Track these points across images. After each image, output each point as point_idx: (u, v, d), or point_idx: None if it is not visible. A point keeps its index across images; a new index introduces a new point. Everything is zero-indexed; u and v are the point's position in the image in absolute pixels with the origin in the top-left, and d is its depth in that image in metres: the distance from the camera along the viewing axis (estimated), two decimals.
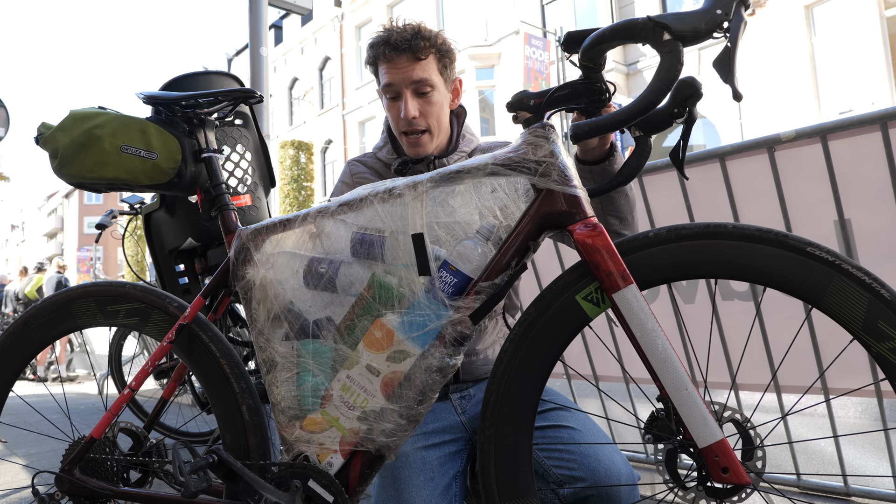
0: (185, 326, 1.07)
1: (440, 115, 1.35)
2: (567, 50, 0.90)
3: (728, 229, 0.84)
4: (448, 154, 1.39)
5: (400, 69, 1.29)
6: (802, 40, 11.18)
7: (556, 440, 1.18)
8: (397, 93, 1.31)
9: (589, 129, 0.88)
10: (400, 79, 1.30)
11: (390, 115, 1.36)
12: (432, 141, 1.36)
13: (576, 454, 1.15)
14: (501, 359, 0.92)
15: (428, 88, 1.31)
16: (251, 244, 1.04)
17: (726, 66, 0.80)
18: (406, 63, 1.29)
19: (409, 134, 1.34)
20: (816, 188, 1.78)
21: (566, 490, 1.14)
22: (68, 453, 1.14)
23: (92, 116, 1.17)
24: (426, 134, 1.34)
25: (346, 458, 0.99)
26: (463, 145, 1.42)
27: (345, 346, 0.97)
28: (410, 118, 1.30)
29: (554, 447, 1.18)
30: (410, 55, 1.28)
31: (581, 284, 0.90)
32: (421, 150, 1.35)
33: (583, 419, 1.25)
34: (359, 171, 1.45)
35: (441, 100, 1.35)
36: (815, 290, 0.81)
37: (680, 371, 0.84)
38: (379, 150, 1.46)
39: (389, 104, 1.35)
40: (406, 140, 1.35)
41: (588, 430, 1.21)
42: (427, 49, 1.29)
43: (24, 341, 1.19)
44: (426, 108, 1.32)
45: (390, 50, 1.29)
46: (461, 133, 1.44)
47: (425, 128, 1.33)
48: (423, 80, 1.30)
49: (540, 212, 0.91)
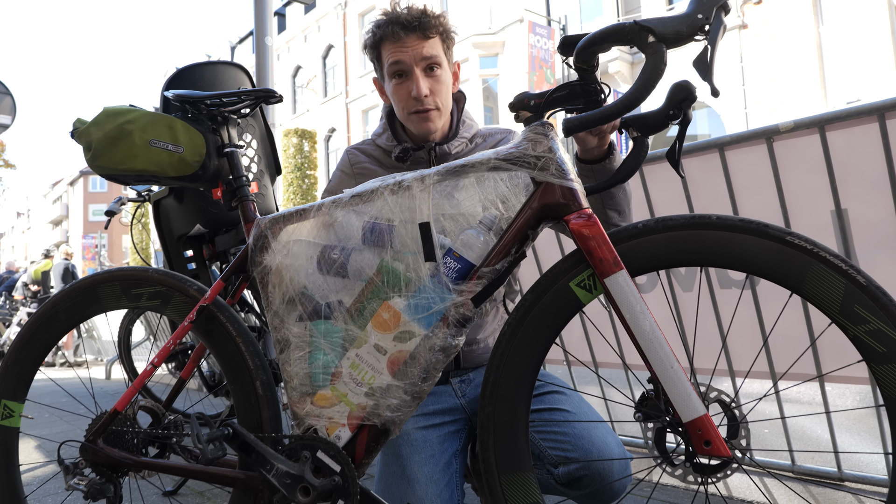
0: (205, 308, 1.14)
1: (447, 95, 1.37)
2: (562, 53, 0.97)
3: (712, 220, 0.90)
4: (449, 140, 1.40)
5: (410, 47, 1.30)
6: (810, 29, 11.11)
7: (551, 422, 1.24)
8: (406, 71, 1.32)
9: (579, 122, 0.94)
10: (410, 56, 1.30)
11: (397, 97, 1.35)
12: (440, 118, 1.36)
13: (570, 436, 1.20)
14: (500, 341, 0.98)
15: (437, 67, 1.33)
16: (269, 232, 1.11)
17: (705, 65, 0.86)
18: (416, 41, 1.30)
19: (419, 112, 1.33)
20: (814, 178, 1.81)
21: (561, 470, 1.19)
22: (92, 425, 1.21)
23: (123, 113, 1.25)
24: (435, 111, 1.34)
25: (354, 432, 1.06)
26: (463, 131, 1.43)
27: (354, 326, 1.04)
28: (423, 95, 1.31)
29: (549, 430, 1.23)
30: (420, 33, 1.30)
31: (575, 272, 0.96)
32: (431, 126, 1.35)
33: (578, 402, 1.30)
34: (359, 161, 1.45)
35: (447, 80, 1.36)
36: (794, 276, 0.86)
37: (666, 350, 0.90)
38: (378, 137, 1.46)
39: (396, 85, 1.34)
40: (415, 118, 1.35)
41: (582, 413, 1.26)
42: (434, 28, 1.31)
43: (53, 323, 1.26)
44: (435, 86, 1.33)
45: (400, 28, 1.29)
46: (461, 118, 1.45)
47: (435, 105, 1.34)
48: (433, 56, 1.31)
49: (539, 203, 0.97)
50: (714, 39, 0.86)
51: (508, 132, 1.48)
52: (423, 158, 1.39)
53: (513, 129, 1.47)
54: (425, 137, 1.38)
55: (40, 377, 1.33)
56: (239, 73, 2.28)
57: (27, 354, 1.28)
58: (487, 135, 1.47)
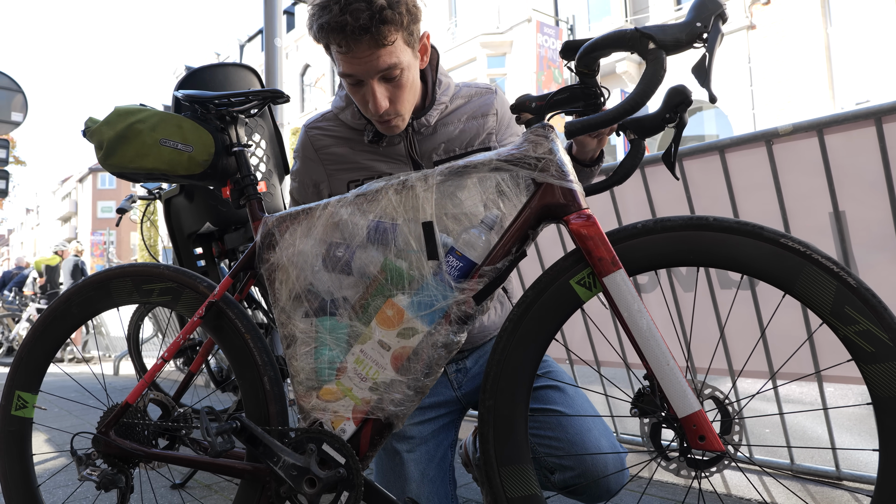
0: (214, 304, 1.18)
1: (412, 90, 1.24)
2: (565, 57, 0.99)
3: (709, 221, 0.93)
4: (426, 111, 1.32)
5: (362, 59, 1.13)
6: (818, 30, 11.07)
7: (545, 425, 1.25)
8: (360, 82, 1.18)
9: (581, 126, 0.97)
10: (363, 70, 1.15)
11: (355, 99, 1.23)
12: (405, 119, 1.26)
13: (563, 442, 1.22)
14: (501, 336, 1.01)
15: (396, 72, 1.17)
16: (276, 230, 1.14)
17: (703, 71, 0.89)
18: (367, 51, 1.12)
19: (381, 121, 1.25)
20: (812, 180, 1.83)
21: (556, 477, 1.22)
22: (104, 417, 1.25)
23: (134, 112, 1.28)
24: (398, 118, 1.24)
25: (358, 426, 1.09)
26: (440, 94, 1.33)
27: (359, 323, 1.07)
28: (381, 110, 1.19)
29: (544, 433, 1.24)
30: (371, 41, 1.10)
31: (575, 270, 0.99)
32: (395, 130, 1.27)
33: (572, 398, 1.31)
34: (324, 146, 1.35)
35: (412, 77, 1.22)
36: (787, 277, 0.89)
37: (662, 347, 0.92)
38: (341, 112, 1.35)
39: (352, 89, 1.21)
40: (378, 124, 1.26)
41: (577, 411, 1.27)
42: (391, 32, 1.11)
43: (66, 316, 1.30)
44: (396, 92, 1.20)
45: (346, 40, 1.10)
46: (436, 81, 1.33)
47: (396, 113, 1.23)
48: (391, 66, 1.15)
49: (539, 203, 1.00)
50: (712, 47, 0.89)
51: (489, 92, 1.39)
52: (399, 136, 1.32)
53: (493, 88, 1.39)
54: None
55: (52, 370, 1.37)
56: (249, 75, 2.33)
57: (41, 347, 1.32)
58: (468, 95, 1.38)
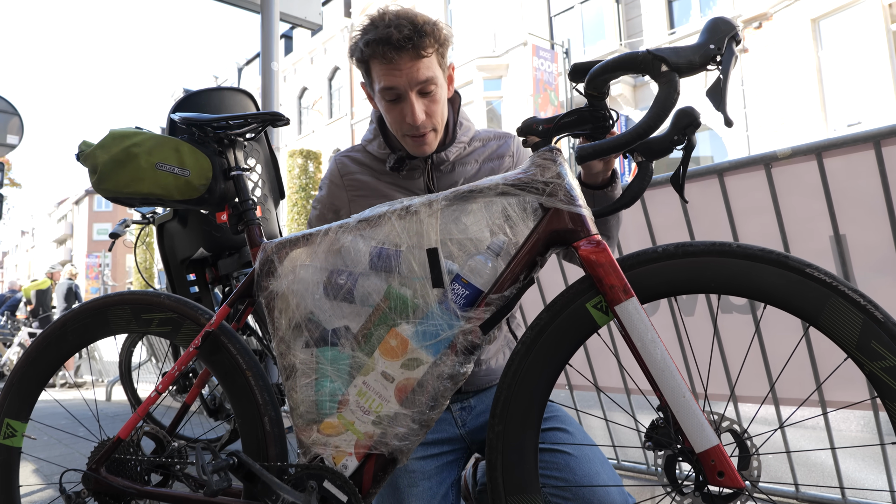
0: (210, 334, 1.14)
1: (443, 111, 1.30)
2: (573, 80, 0.97)
3: (732, 248, 0.90)
4: (446, 147, 1.35)
5: (403, 70, 1.20)
6: (809, 53, 11.22)
7: (552, 465, 1.20)
8: (399, 95, 1.24)
9: (593, 150, 0.94)
10: (404, 81, 1.21)
11: (390, 118, 1.29)
12: (437, 137, 1.31)
13: (571, 482, 1.17)
14: (513, 360, 0.97)
15: (433, 87, 1.24)
16: (275, 257, 1.11)
17: (718, 95, 0.86)
18: (409, 62, 1.20)
19: (415, 136, 1.28)
20: (812, 204, 1.82)
21: None
22: (95, 453, 1.20)
23: (130, 136, 1.25)
24: (432, 132, 1.29)
25: (361, 461, 1.04)
26: (461, 134, 1.38)
27: (361, 353, 1.03)
28: (419, 122, 1.24)
29: (551, 474, 1.19)
30: (413, 53, 1.19)
31: (591, 293, 0.96)
32: (427, 149, 1.30)
33: (581, 440, 1.26)
34: (349, 172, 1.38)
35: (443, 95, 1.29)
36: (812, 308, 0.86)
37: (678, 379, 0.89)
38: (368, 143, 1.39)
39: (388, 105, 1.26)
40: (410, 141, 1.29)
41: (584, 455, 1.21)
42: (429, 44, 1.21)
43: (61, 343, 1.26)
44: (431, 107, 1.26)
45: (391, 50, 1.19)
46: (457, 121, 1.38)
47: (432, 127, 1.28)
48: (429, 79, 1.23)
49: (547, 229, 0.97)
50: (726, 69, 0.86)
51: (507, 136, 1.43)
52: (419, 167, 1.35)
53: (511, 134, 1.43)
54: (421, 156, 1.33)
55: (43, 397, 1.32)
56: (244, 99, 2.31)
57: (33, 373, 1.27)
58: (485, 139, 1.42)
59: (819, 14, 11.16)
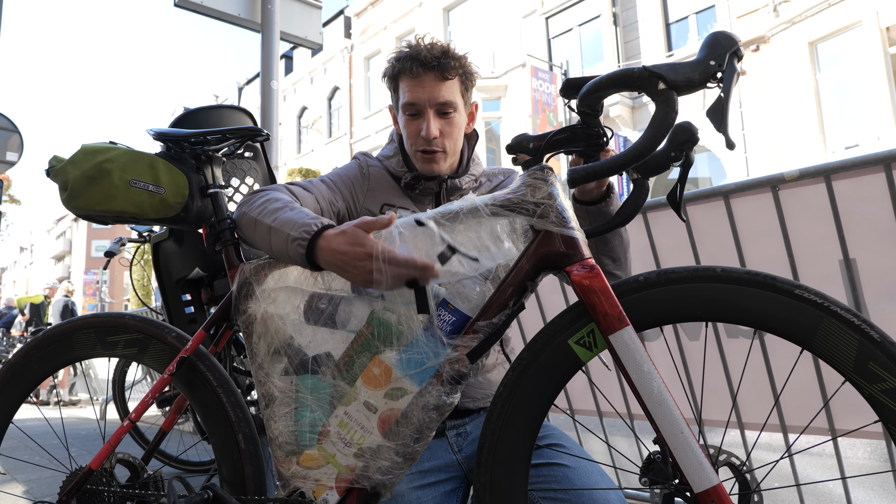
0: (185, 359, 1.08)
1: (458, 137, 1.34)
2: (565, 96, 0.93)
3: (717, 273, 0.85)
4: (459, 175, 1.38)
5: (426, 88, 1.27)
6: (807, 76, 11.27)
7: (549, 479, 1.16)
8: (419, 111, 1.30)
9: (585, 174, 0.90)
10: (425, 98, 1.28)
11: (407, 132, 1.33)
12: (446, 161, 1.34)
13: (570, 493, 1.12)
14: (496, 404, 0.92)
15: (451, 110, 1.30)
16: (253, 279, 1.06)
17: (719, 115, 0.82)
18: (433, 82, 1.27)
19: (426, 152, 1.31)
20: (820, 227, 1.78)
21: None
22: (66, 484, 1.14)
23: (103, 151, 1.20)
24: (441, 153, 1.32)
25: (342, 496, 0.99)
26: (473, 168, 1.41)
27: (343, 382, 0.98)
28: (431, 137, 1.28)
29: (548, 487, 1.15)
30: (438, 73, 1.27)
31: (574, 328, 0.91)
32: (434, 168, 1.33)
33: (577, 457, 1.22)
34: (372, 173, 1.39)
35: (461, 122, 1.34)
36: (804, 332, 0.81)
37: (675, 414, 0.84)
38: (387, 159, 1.41)
39: (408, 120, 1.32)
40: (421, 157, 1.32)
41: (582, 469, 1.18)
42: (455, 70, 1.28)
43: (25, 372, 1.20)
44: (446, 128, 1.31)
45: (418, 66, 1.27)
46: (471, 156, 1.43)
47: (442, 148, 1.31)
48: (448, 101, 1.29)
49: (538, 252, 0.92)
50: (728, 87, 0.82)
51: (511, 172, 1.45)
52: (432, 190, 1.36)
53: (515, 170, 1.43)
54: (430, 177, 1.35)
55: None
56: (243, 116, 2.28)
57: None
58: (491, 174, 1.45)
59: (816, 37, 11.23)
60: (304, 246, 0.96)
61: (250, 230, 1.10)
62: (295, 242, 0.97)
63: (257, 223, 1.07)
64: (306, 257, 0.97)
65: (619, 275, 1.25)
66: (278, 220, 1.03)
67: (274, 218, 1.04)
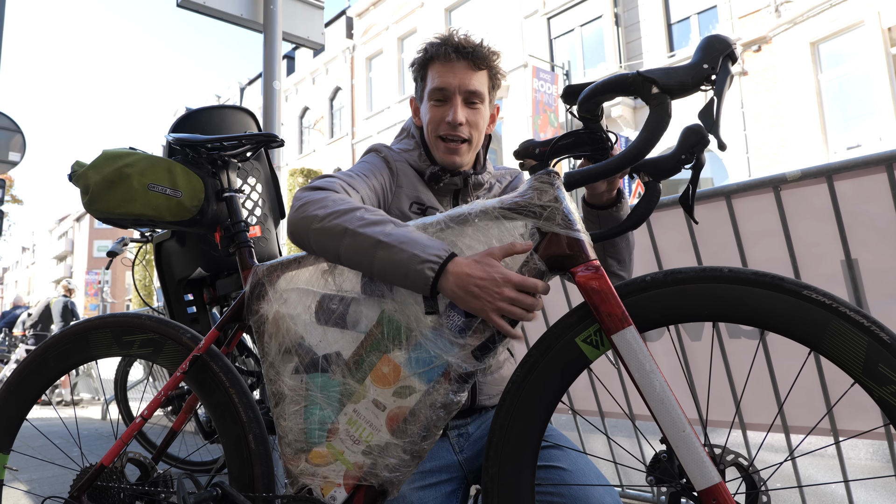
0: (198, 358, 1.10)
1: (482, 130, 1.33)
2: (567, 102, 0.95)
3: (724, 273, 0.86)
4: (478, 173, 1.37)
5: (457, 74, 1.27)
6: (809, 76, 11.27)
7: (546, 481, 1.17)
8: (447, 97, 1.28)
9: (580, 177, 0.92)
10: (455, 83, 1.27)
11: (430, 116, 1.30)
12: (469, 152, 1.32)
13: (566, 497, 1.13)
14: (504, 399, 0.94)
15: (478, 101, 1.30)
16: (266, 280, 1.08)
17: (710, 117, 0.83)
18: (464, 69, 1.27)
19: (449, 140, 1.29)
20: (822, 227, 1.78)
21: None
22: (77, 480, 1.16)
23: (123, 156, 1.23)
24: (465, 143, 1.30)
25: (350, 493, 1.01)
26: (489, 167, 1.43)
27: (352, 380, 1.00)
28: (458, 123, 1.27)
29: (545, 490, 1.16)
30: (470, 62, 1.27)
31: (581, 327, 0.92)
32: (457, 159, 1.31)
33: (575, 459, 1.22)
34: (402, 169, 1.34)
35: (486, 115, 1.34)
36: (813, 333, 0.82)
37: (677, 413, 0.85)
38: (407, 152, 1.37)
39: (433, 106, 1.30)
40: (444, 146, 1.30)
41: (579, 471, 1.18)
42: (485, 61, 1.29)
43: (42, 370, 1.22)
44: (472, 118, 1.30)
45: (452, 51, 1.27)
46: (486, 157, 1.44)
47: (467, 137, 1.30)
48: (476, 91, 1.28)
49: (544, 254, 0.94)
50: (721, 90, 0.83)
51: (517, 172, 1.46)
52: (456, 185, 1.35)
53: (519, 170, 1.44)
54: (451, 168, 1.32)
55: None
56: (245, 118, 2.29)
57: (14, 402, 1.23)
58: (499, 175, 1.45)
59: (818, 37, 11.23)
60: (436, 269, 0.93)
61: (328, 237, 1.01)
62: (424, 265, 0.93)
63: (349, 232, 0.99)
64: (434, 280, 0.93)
65: (623, 275, 1.27)
66: (394, 237, 0.97)
67: (385, 233, 0.98)
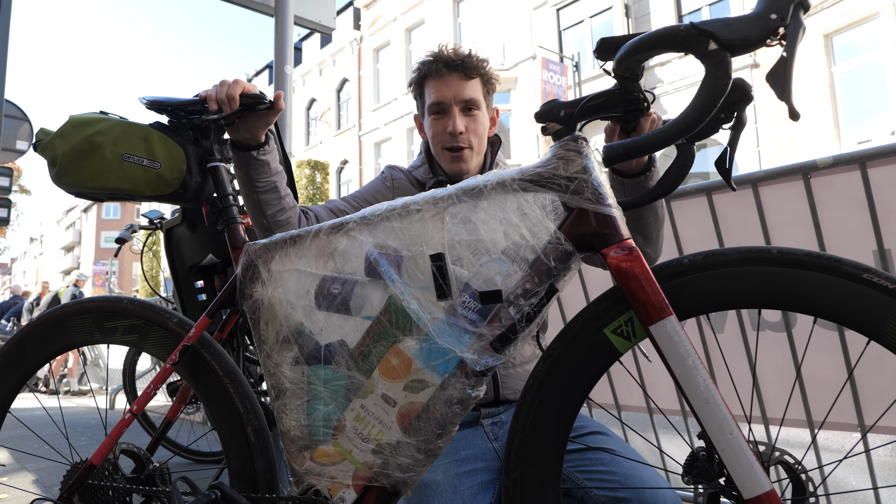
0: (189, 347, 1.01)
1: (482, 135, 1.38)
2: (601, 58, 0.83)
3: (772, 254, 0.77)
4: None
5: (451, 86, 1.34)
6: (822, 69, 11.09)
7: (596, 462, 1.12)
8: (444, 109, 1.35)
9: (623, 151, 0.80)
10: (450, 95, 1.34)
11: (433, 131, 1.37)
12: (473, 158, 1.37)
13: (619, 475, 1.08)
14: (525, 397, 0.85)
15: (475, 107, 1.35)
16: (259, 261, 0.98)
17: (782, 79, 0.70)
18: (457, 81, 1.34)
19: (453, 150, 1.35)
20: (854, 216, 1.70)
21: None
22: (67, 479, 1.08)
23: (92, 122, 1.11)
24: (468, 150, 1.35)
25: (360, 494, 0.92)
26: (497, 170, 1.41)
27: (359, 373, 0.91)
28: (458, 132, 1.32)
29: (595, 468, 1.11)
30: (461, 74, 1.34)
31: (610, 316, 0.83)
32: (463, 166, 1.36)
33: (622, 443, 1.19)
34: (398, 185, 1.44)
35: (484, 120, 1.39)
36: (872, 321, 0.73)
37: (724, 413, 0.76)
38: (415, 169, 1.46)
39: (434, 120, 1.37)
40: (448, 155, 1.36)
41: (630, 453, 1.16)
42: (476, 70, 1.35)
43: (20, 359, 1.13)
44: (471, 125, 1.35)
45: (443, 66, 1.34)
46: (495, 160, 1.46)
47: (469, 144, 1.35)
48: (472, 99, 1.34)
49: (570, 233, 0.84)
50: (792, 45, 0.71)
51: None
52: None
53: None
54: (458, 176, 1.37)
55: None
56: None
57: None
58: None
59: (831, 30, 11.04)
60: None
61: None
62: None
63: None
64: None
65: (650, 253, 1.18)
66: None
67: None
